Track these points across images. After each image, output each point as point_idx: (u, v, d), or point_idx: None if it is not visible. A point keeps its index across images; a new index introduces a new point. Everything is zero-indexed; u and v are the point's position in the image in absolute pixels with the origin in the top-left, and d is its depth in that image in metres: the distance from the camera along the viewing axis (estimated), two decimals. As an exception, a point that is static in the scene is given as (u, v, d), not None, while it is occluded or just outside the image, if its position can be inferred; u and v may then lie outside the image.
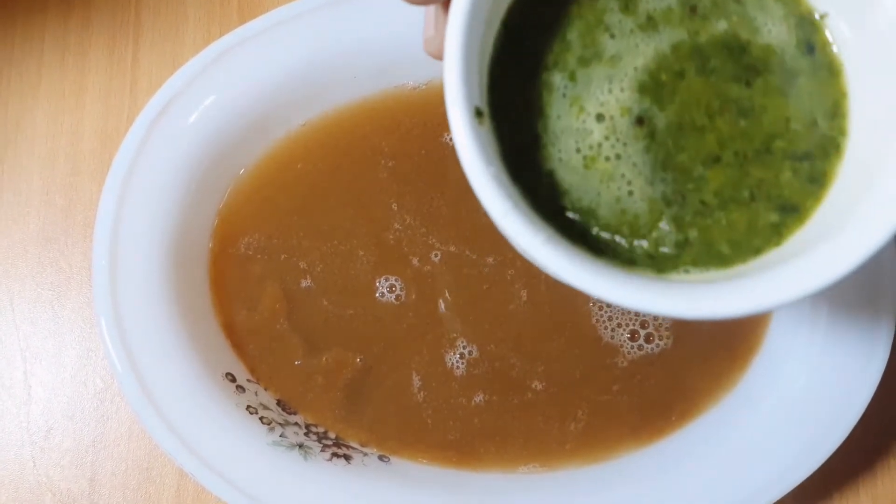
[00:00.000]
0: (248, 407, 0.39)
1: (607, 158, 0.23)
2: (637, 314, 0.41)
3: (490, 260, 0.41)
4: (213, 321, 0.41)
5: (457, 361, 0.41)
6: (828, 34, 0.23)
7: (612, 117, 0.23)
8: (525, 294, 0.41)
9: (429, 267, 0.41)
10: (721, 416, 0.40)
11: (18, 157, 0.45)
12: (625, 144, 0.23)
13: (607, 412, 0.41)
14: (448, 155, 0.42)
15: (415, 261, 0.42)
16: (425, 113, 0.42)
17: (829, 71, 0.23)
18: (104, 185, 0.39)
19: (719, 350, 0.41)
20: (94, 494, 0.42)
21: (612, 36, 0.24)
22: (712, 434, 0.40)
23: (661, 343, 0.41)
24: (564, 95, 0.24)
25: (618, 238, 0.23)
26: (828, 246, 0.21)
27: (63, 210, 0.44)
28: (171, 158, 0.40)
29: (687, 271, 0.23)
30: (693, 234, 0.23)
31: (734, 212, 0.23)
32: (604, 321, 0.41)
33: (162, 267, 0.39)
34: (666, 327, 0.41)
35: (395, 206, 0.42)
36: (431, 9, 0.25)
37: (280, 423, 0.39)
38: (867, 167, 0.22)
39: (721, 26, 0.23)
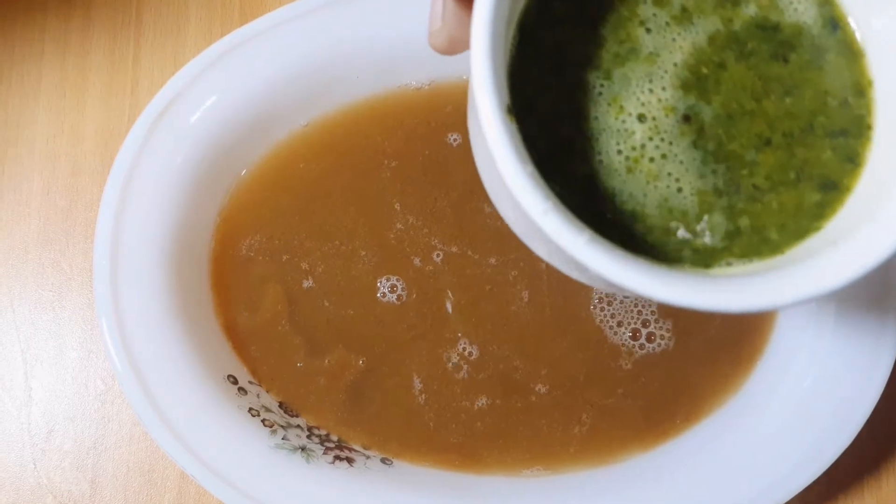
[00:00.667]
0: (251, 409, 0.39)
1: (652, 159, 0.23)
2: (639, 312, 0.41)
3: (492, 261, 0.41)
4: (214, 323, 0.41)
5: (459, 363, 0.41)
6: (848, 18, 0.23)
7: (654, 117, 0.23)
8: (527, 295, 0.41)
9: (431, 267, 0.41)
10: (726, 418, 0.40)
11: (19, 157, 0.44)
12: (670, 143, 0.23)
13: (612, 415, 0.40)
14: (451, 155, 0.42)
15: (416, 261, 0.41)
16: (428, 113, 0.42)
17: (852, 50, 0.23)
18: (105, 185, 0.39)
19: (724, 352, 0.41)
20: (95, 497, 0.42)
21: (648, 31, 0.23)
22: (717, 437, 0.39)
23: (664, 343, 0.41)
24: (601, 94, 0.23)
25: (664, 237, 0.23)
26: (867, 229, 0.21)
27: (64, 211, 0.44)
28: (173, 159, 0.40)
29: (729, 264, 0.23)
30: (744, 222, 0.23)
31: (783, 193, 0.23)
32: (606, 319, 0.41)
33: (163, 268, 0.39)
34: (667, 328, 0.41)
35: (397, 206, 0.42)
36: (438, 1, 0.24)
37: (282, 426, 0.39)
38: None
39: (751, 10, 0.23)
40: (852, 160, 0.23)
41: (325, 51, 0.40)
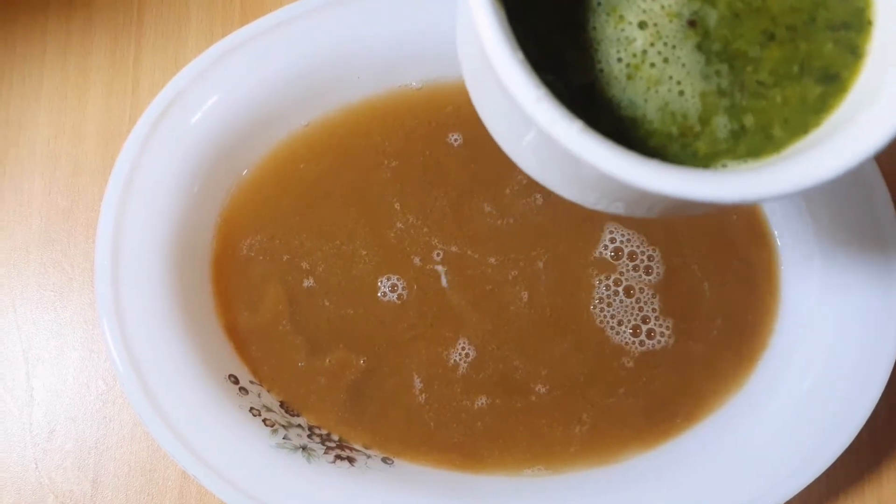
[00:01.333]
0: (252, 409, 0.39)
1: (653, 65, 0.23)
2: (640, 309, 0.41)
3: (492, 260, 0.41)
4: (215, 322, 0.41)
5: (459, 362, 0.41)
6: None
7: (656, 24, 0.23)
8: (526, 295, 0.41)
9: (431, 267, 0.41)
10: (727, 418, 0.40)
11: (20, 158, 0.44)
12: (673, 47, 0.23)
13: (613, 415, 0.40)
14: (451, 155, 0.42)
15: (417, 260, 0.41)
16: (428, 113, 0.42)
17: None
18: (106, 185, 0.39)
19: (725, 351, 0.41)
20: (97, 496, 0.42)
21: None
22: (718, 437, 0.39)
23: (664, 340, 0.41)
24: (599, 4, 0.23)
25: (664, 142, 0.23)
26: (862, 119, 0.21)
27: (65, 211, 0.44)
28: (174, 159, 0.40)
29: (725, 165, 0.23)
30: (749, 120, 0.23)
31: (787, 87, 0.23)
32: (607, 319, 0.41)
33: (164, 268, 0.39)
34: (667, 325, 0.41)
35: (397, 206, 0.42)
36: None
37: (283, 426, 0.39)
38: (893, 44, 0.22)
39: None
40: (854, 52, 0.23)
41: (325, 51, 0.40)
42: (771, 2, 0.23)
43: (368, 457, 0.40)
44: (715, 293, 0.41)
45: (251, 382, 0.40)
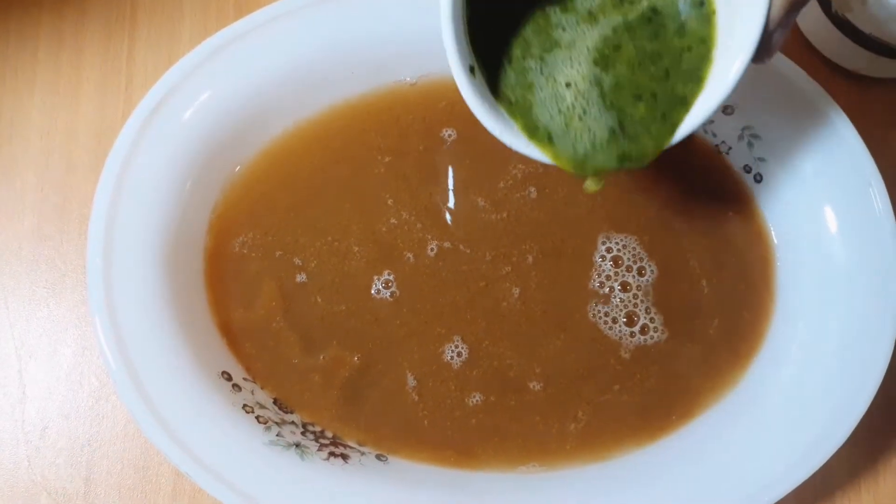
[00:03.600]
0: (245, 406, 0.39)
1: (580, 116, 0.32)
2: (634, 306, 0.41)
3: (486, 256, 0.41)
4: (208, 319, 0.41)
5: (453, 360, 0.41)
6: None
7: (576, 84, 0.32)
8: (518, 291, 0.41)
9: (425, 262, 0.41)
10: (722, 415, 0.40)
11: (13, 153, 0.44)
12: (587, 101, 0.32)
13: (608, 412, 0.40)
14: (445, 150, 0.42)
15: (410, 256, 0.41)
16: (422, 109, 0.42)
17: (706, 14, 0.32)
18: (99, 182, 0.39)
19: (720, 349, 0.41)
20: (90, 494, 0.42)
21: (564, 29, 0.32)
22: (713, 434, 0.39)
23: (657, 335, 0.41)
24: (541, 72, 0.32)
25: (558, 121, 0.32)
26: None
27: (58, 207, 0.44)
28: (167, 155, 0.39)
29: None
30: (626, 146, 0.33)
31: (653, 127, 0.32)
32: (601, 316, 0.41)
33: (157, 264, 0.39)
34: (660, 321, 0.41)
35: (390, 202, 0.42)
36: None
37: (276, 423, 0.39)
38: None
39: (644, 4, 0.32)
40: (697, 82, 0.32)
41: (319, 47, 0.40)
42: (640, 74, 0.32)
43: (362, 454, 0.40)
44: (711, 291, 0.41)
45: (244, 379, 0.40)
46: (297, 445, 0.39)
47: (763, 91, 0.39)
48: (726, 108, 0.40)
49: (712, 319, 0.41)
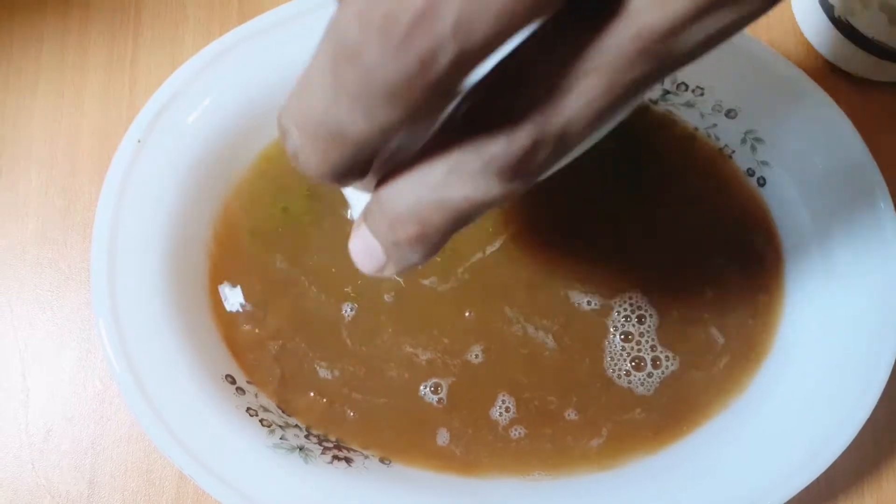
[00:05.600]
0: (248, 409, 0.39)
1: None
2: (640, 350, 0.41)
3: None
4: (212, 323, 0.41)
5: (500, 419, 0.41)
6: None
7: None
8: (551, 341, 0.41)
9: (427, 282, 0.41)
10: (727, 419, 0.40)
11: (16, 157, 0.44)
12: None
13: (624, 431, 0.40)
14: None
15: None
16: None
17: None
18: (103, 185, 0.39)
19: (728, 357, 0.41)
20: (94, 497, 0.42)
21: None
22: (717, 437, 0.39)
23: (669, 364, 0.40)
24: None
25: None
26: None
27: (61, 210, 0.44)
28: (170, 159, 0.39)
29: None
30: None
31: None
32: (617, 363, 0.41)
33: (161, 268, 0.39)
34: (667, 356, 0.40)
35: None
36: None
37: (280, 426, 0.39)
38: None
39: None
40: None
41: (323, 50, 0.40)
42: None
43: (366, 457, 0.40)
44: (715, 297, 0.41)
45: (248, 382, 0.40)
46: (301, 449, 0.39)
47: (765, 94, 0.39)
48: (729, 112, 0.40)
49: (719, 330, 0.41)
